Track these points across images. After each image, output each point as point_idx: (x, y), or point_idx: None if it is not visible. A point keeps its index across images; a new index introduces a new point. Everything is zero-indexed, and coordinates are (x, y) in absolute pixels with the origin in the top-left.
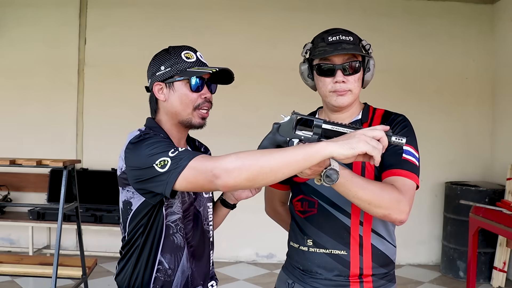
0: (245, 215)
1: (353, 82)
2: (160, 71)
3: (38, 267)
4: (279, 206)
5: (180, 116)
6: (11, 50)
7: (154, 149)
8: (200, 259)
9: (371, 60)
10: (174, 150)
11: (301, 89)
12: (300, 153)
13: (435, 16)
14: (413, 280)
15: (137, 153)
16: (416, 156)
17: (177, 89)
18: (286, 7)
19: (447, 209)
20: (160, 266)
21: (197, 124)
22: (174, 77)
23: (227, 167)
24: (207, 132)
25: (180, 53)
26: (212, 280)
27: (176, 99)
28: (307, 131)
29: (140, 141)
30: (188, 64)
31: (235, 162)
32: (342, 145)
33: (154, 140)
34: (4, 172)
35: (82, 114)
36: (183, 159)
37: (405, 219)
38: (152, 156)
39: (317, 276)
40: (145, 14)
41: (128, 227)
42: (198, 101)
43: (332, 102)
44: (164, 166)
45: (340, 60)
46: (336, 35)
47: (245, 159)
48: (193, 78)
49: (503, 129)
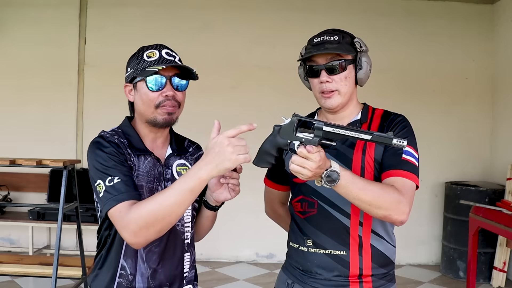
0: (245, 215)
1: (339, 82)
2: (127, 73)
3: (38, 267)
4: (279, 206)
5: (145, 116)
6: (11, 50)
7: (99, 164)
8: (168, 260)
9: (363, 57)
10: (111, 179)
11: (301, 89)
12: (184, 190)
13: (435, 16)
14: (413, 280)
15: (90, 159)
16: (415, 156)
17: (139, 89)
18: (286, 7)
19: (447, 209)
20: (122, 271)
21: (162, 121)
22: (136, 78)
23: (134, 230)
24: (207, 132)
25: (143, 53)
26: (189, 284)
27: (139, 99)
28: (308, 133)
29: (93, 147)
30: (148, 63)
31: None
32: (212, 170)
33: (102, 153)
34: (4, 172)
35: (82, 114)
36: (110, 200)
37: (405, 219)
38: (96, 172)
39: (316, 276)
40: (145, 14)
41: (100, 229)
42: (159, 99)
43: (322, 103)
44: (100, 192)
45: (323, 60)
46: (321, 36)
47: (146, 216)
48: (149, 77)
49: (503, 129)
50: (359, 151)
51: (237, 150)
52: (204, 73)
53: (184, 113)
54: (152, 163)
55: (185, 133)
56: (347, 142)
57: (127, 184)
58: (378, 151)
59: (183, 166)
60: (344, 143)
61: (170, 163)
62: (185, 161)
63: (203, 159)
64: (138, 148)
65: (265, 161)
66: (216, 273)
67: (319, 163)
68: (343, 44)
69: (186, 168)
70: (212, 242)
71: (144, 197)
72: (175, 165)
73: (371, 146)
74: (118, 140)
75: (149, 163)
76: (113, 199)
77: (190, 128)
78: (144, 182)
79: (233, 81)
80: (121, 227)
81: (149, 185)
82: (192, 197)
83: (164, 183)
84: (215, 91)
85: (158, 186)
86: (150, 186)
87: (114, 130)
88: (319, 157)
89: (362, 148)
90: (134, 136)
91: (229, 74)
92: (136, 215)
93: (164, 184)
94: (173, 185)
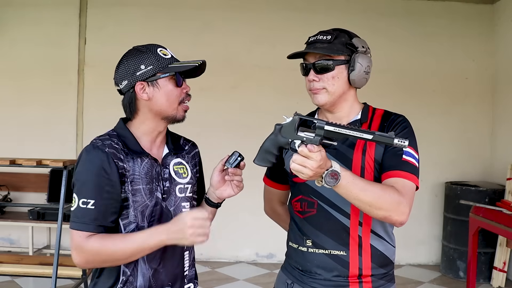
0: (245, 215)
1: (326, 81)
2: (141, 70)
3: (38, 267)
4: (278, 206)
5: (165, 113)
6: (11, 50)
7: (81, 179)
8: (168, 259)
9: (358, 59)
10: (85, 202)
11: (301, 89)
12: (144, 247)
13: (435, 16)
14: (413, 280)
15: (77, 166)
16: (416, 157)
17: (162, 86)
18: (286, 7)
19: (447, 209)
20: (123, 277)
21: (181, 117)
22: (157, 75)
23: (87, 260)
24: (207, 132)
25: (156, 51)
26: (190, 282)
27: (162, 96)
28: (309, 132)
29: (83, 158)
30: (168, 61)
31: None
32: (173, 240)
33: (88, 168)
34: (4, 172)
35: (82, 114)
36: (77, 222)
37: (405, 220)
38: (76, 183)
39: (316, 276)
40: (145, 14)
41: None
42: (182, 96)
43: (312, 100)
44: (73, 205)
45: (313, 59)
46: (315, 36)
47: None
48: (178, 73)
49: (503, 129)
50: (359, 151)
51: (196, 233)
52: (204, 73)
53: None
54: (149, 164)
55: (185, 133)
56: (347, 142)
57: (99, 211)
58: (378, 151)
59: (180, 165)
60: (344, 143)
61: (167, 162)
62: (182, 160)
63: (171, 225)
64: (134, 150)
65: (266, 160)
66: (216, 273)
67: (320, 162)
68: (335, 44)
69: (183, 167)
70: (212, 242)
71: (144, 200)
72: (172, 164)
73: (371, 146)
74: (111, 145)
75: (147, 164)
76: (80, 222)
77: (190, 128)
78: (142, 184)
79: (233, 81)
80: (76, 248)
81: (148, 186)
82: (148, 252)
83: (163, 183)
84: (215, 91)
85: (157, 187)
86: (149, 187)
87: (108, 133)
88: (320, 156)
89: (362, 149)
90: (130, 138)
91: (229, 74)
92: (95, 250)
93: (162, 184)
94: (136, 237)
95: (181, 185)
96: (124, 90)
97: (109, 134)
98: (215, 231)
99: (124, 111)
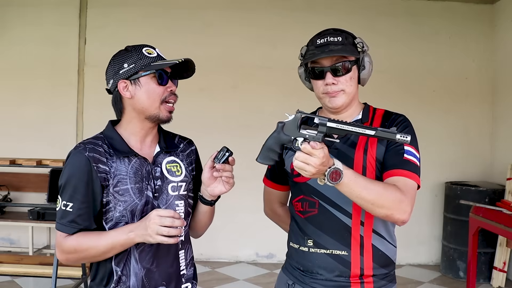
0: (245, 215)
1: (344, 82)
2: (124, 69)
3: (38, 267)
4: (278, 207)
5: (147, 112)
6: (11, 50)
7: (64, 182)
8: (162, 258)
9: (366, 57)
10: (66, 204)
11: (301, 89)
12: (116, 244)
13: (435, 16)
14: (413, 280)
15: (63, 168)
16: (417, 156)
17: (143, 84)
18: (286, 7)
19: (447, 209)
20: (116, 277)
21: (165, 118)
22: (139, 73)
23: (67, 257)
24: (207, 132)
25: (141, 50)
26: (187, 282)
27: (143, 94)
28: (311, 130)
29: (68, 162)
30: (151, 59)
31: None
32: (140, 237)
33: (70, 172)
34: (4, 172)
35: (82, 114)
36: (59, 223)
37: (407, 219)
38: (60, 184)
39: (317, 276)
40: (145, 14)
41: None
42: (165, 94)
43: (327, 103)
44: (57, 205)
45: (329, 62)
46: (324, 37)
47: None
48: (159, 71)
49: (503, 129)
50: (361, 150)
51: (160, 230)
52: (204, 73)
53: (184, 113)
54: (138, 163)
55: (185, 132)
56: (348, 142)
57: (76, 215)
58: (380, 150)
59: (173, 163)
60: (346, 143)
61: (159, 161)
62: (175, 158)
63: (139, 222)
64: (121, 151)
65: (269, 158)
66: (216, 273)
67: (323, 159)
68: (347, 45)
69: (176, 165)
70: (212, 242)
71: (132, 199)
72: (165, 162)
73: (373, 145)
74: (93, 149)
75: (135, 164)
76: (60, 223)
77: (190, 127)
78: (130, 184)
79: (233, 81)
80: (58, 247)
81: (137, 185)
82: (121, 249)
83: (154, 182)
84: (215, 91)
85: (148, 185)
86: (138, 186)
87: (94, 136)
88: (323, 154)
89: (364, 148)
90: (116, 139)
91: (229, 74)
92: (72, 248)
93: (153, 183)
94: (108, 235)
95: (174, 183)
96: (111, 89)
97: (94, 137)
98: (215, 231)
99: (114, 112)
